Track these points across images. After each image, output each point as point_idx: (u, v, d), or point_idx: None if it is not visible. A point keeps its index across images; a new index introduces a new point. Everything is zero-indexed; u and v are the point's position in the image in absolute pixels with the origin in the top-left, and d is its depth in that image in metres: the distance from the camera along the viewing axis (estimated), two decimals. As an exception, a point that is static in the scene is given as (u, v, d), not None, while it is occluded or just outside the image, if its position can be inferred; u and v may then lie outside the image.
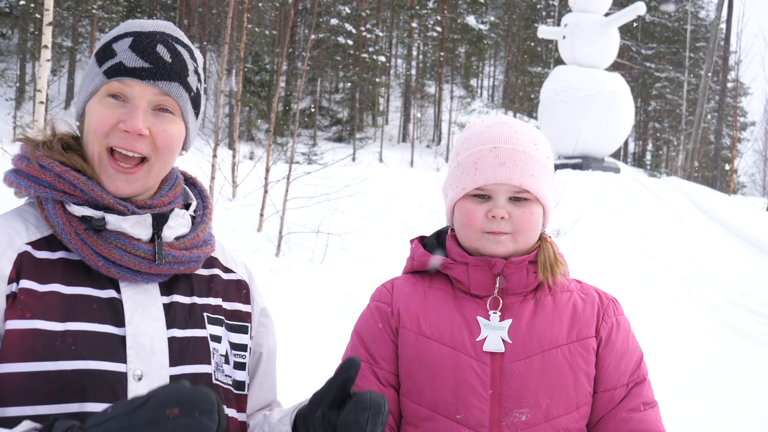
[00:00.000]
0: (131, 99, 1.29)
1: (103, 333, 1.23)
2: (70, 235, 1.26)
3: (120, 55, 1.29)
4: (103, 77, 1.29)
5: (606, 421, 1.55)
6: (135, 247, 1.27)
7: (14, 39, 27.98)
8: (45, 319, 1.21)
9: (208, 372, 1.31)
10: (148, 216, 1.30)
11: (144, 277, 1.29)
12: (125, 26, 1.34)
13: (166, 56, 1.31)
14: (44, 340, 1.19)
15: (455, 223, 1.62)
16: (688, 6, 36.99)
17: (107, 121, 1.29)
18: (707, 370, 6.76)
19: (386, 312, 1.60)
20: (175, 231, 1.35)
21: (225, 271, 1.47)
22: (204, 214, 1.43)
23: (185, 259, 1.34)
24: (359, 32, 32.21)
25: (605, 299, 1.63)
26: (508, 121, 1.62)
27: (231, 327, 1.41)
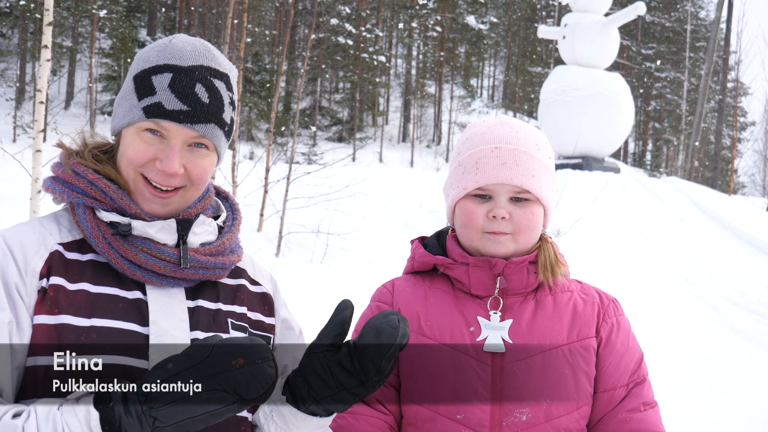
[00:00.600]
0: (168, 137, 1.33)
1: (127, 330, 1.27)
2: (98, 239, 1.31)
3: (159, 95, 1.32)
4: (142, 114, 1.32)
5: (606, 421, 1.55)
6: (160, 252, 1.31)
7: (14, 39, 27.97)
8: (72, 315, 1.25)
9: None
10: (173, 221, 1.34)
11: (170, 281, 1.33)
12: (165, 54, 1.34)
13: (204, 97, 1.33)
14: (70, 335, 1.23)
15: (456, 223, 1.62)
16: (688, 6, 36.99)
17: (144, 155, 1.33)
18: (707, 370, 6.76)
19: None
20: (200, 237, 1.38)
21: (252, 283, 1.49)
22: (232, 225, 1.47)
23: (210, 265, 1.37)
24: (359, 32, 32.21)
25: (605, 299, 1.64)
26: (510, 122, 1.62)
27: (254, 336, 1.42)
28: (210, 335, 1.16)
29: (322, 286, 8.64)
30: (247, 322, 1.43)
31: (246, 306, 1.44)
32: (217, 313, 1.38)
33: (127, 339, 1.26)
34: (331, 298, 8.36)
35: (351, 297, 8.37)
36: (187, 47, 1.35)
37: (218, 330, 1.36)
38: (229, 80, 1.39)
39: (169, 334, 1.29)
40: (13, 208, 8.92)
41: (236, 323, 1.40)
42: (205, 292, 1.39)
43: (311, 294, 8.35)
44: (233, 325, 1.39)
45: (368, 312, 1.64)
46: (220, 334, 1.19)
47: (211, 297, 1.39)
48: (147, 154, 1.33)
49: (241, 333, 1.40)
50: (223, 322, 1.38)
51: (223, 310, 1.39)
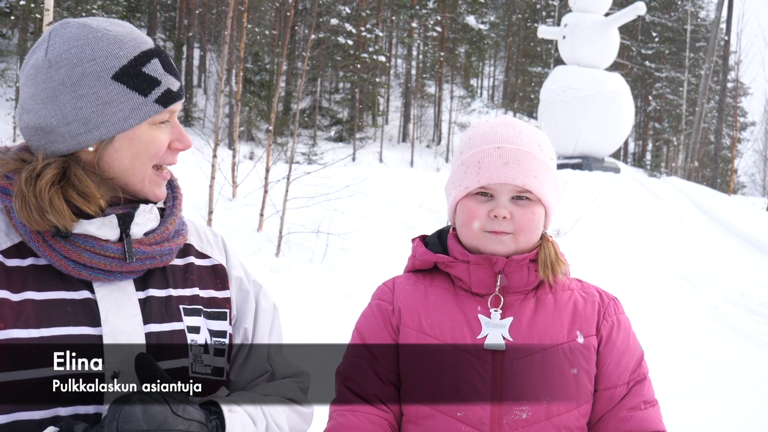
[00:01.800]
0: (170, 118, 1.34)
1: (78, 335, 1.24)
2: (38, 243, 1.26)
3: (164, 82, 1.31)
4: (158, 106, 1.30)
5: (607, 419, 1.56)
6: (104, 248, 1.27)
7: (14, 39, 27.98)
8: (19, 328, 1.21)
9: (186, 366, 1.32)
10: (113, 217, 1.30)
11: (117, 276, 1.29)
12: (126, 44, 1.30)
13: (175, 66, 1.38)
14: (20, 349, 1.20)
15: (457, 222, 1.63)
16: (688, 6, 36.99)
17: (165, 144, 1.34)
18: (707, 370, 6.76)
19: (387, 310, 1.61)
20: (143, 227, 1.34)
21: (200, 257, 1.46)
22: (174, 206, 1.43)
23: (156, 254, 1.34)
24: (359, 32, 32.21)
25: (606, 298, 1.64)
26: (512, 122, 1.63)
27: (209, 315, 1.41)
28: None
29: (322, 286, 8.64)
30: (200, 302, 1.40)
31: (197, 285, 1.41)
32: (168, 300, 1.35)
33: (79, 344, 1.23)
34: (331, 298, 8.37)
35: (351, 297, 8.37)
36: (128, 29, 1.33)
37: (171, 319, 1.33)
38: None
39: (123, 331, 1.26)
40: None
41: (188, 308, 1.37)
42: (154, 279, 1.36)
43: (311, 294, 8.35)
44: (186, 310, 1.36)
45: (368, 310, 1.64)
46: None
47: (161, 284, 1.36)
48: (166, 143, 1.34)
49: (196, 317, 1.37)
50: (175, 309, 1.35)
51: (174, 296, 1.36)
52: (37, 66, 1.29)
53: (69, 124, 1.27)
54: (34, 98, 1.28)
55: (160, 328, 1.31)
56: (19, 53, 27.31)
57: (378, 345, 1.58)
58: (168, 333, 1.32)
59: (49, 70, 1.27)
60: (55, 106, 1.26)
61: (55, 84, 1.27)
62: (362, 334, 1.61)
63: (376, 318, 1.61)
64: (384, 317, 1.60)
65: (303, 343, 1.59)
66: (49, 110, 1.27)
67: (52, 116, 1.27)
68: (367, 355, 1.56)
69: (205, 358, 1.36)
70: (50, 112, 1.27)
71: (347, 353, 1.60)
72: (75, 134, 1.27)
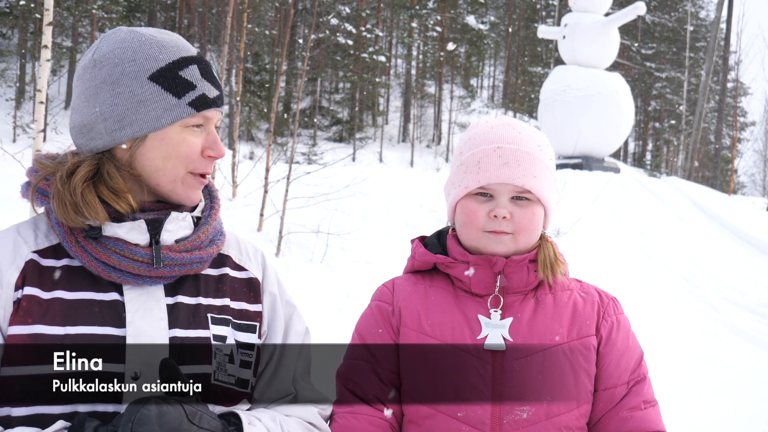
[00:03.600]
0: (206, 124, 1.37)
1: (102, 335, 1.27)
2: (71, 243, 1.31)
3: (199, 87, 1.34)
4: (191, 109, 1.33)
5: (606, 419, 1.56)
6: (133, 252, 1.30)
7: (14, 39, 27.97)
8: (46, 324, 1.25)
9: (208, 372, 1.33)
10: (142, 222, 1.33)
11: (146, 280, 1.32)
12: (168, 48, 1.35)
13: (218, 78, 1.38)
14: (44, 345, 1.23)
15: (457, 222, 1.63)
16: (688, 6, 37.00)
17: (196, 149, 1.36)
18: (707, 370, 6.76)
19: (387, 311, 1.61)
20: (174, 234, 1.37)
21: (236, 268, 1.48)
22: (209, 215, 1.45)
23: (187, 261, 1.36)
24: (359, 32, 32.21)
25: (605, 298, 1.64)
26: (512, 122, 1.64)
27: (238, 326, 1.42)
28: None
29: (322, 286, 8.64)
30: (230, 313, 1.41)
31: (228, 296, 1.43)
32: (197, 308, 1.37)
33: (103, 344, 1.26)
34: (331, 298, 8.37)
35: (351, 297, 8.37)
36: (173, 38, 1.38)
37: (198, 326, 1.35)
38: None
39: (147, 333, 1.29)
40: (13, 208, 8.93)
41: (217, 317, 1.38)
42: (186, 286, 1.38)
43: (311, 294, 8.35)
44: (213, 319, 1.38)
45: (368, 311, 1.64)
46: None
47: (192, 291, 1.38)
48: (198, 147, 1.36)
49: (223, 326, 1.38)
50: (202, 317, 1.36)
51: (204, 305, 1.38)
52: (84, 66, 1.36)
53: (106, 120, 1.32)
54: (80, 97, 1.36)
55: (185, 334, 1.33)
56: (19, 53, 27.32)
57: (378, 346, 1.58)
58: (193, 339, 1.34)
59: (94, 69, 1.34)
60: (96, 102, 1.33)
61: (97, 82, 1.33)
62: (362, 335, 1.62)
63: (376, 319, 1.61)
64: (384, 318, 1.60)
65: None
66: (91, 107, 1.33)
67: (92, 113, 1.33)
68: (367, 356, 1.57)
69: (229, 367, 1.37)
70: (91, 108, 1.33)
71: (347, 354, 1.60)
72: (110, 130, 1.33)
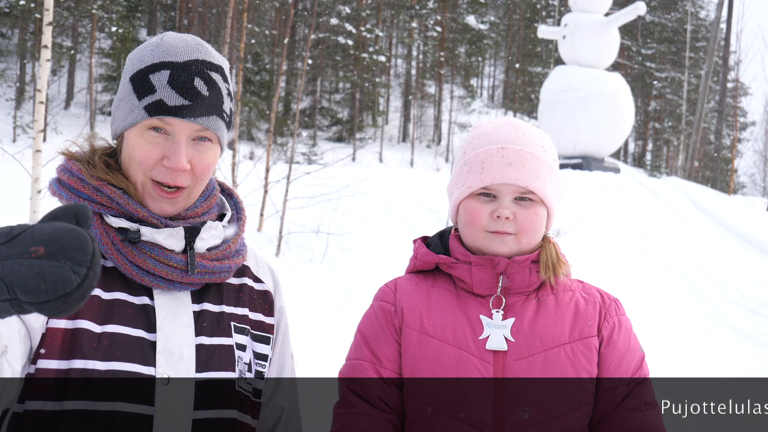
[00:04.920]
0: (172, 134, 1.34)
1: (135, 337, 1.29)
2: (107, 246, 1.32)
3: (159, 92, 1.32)
4: (144, 113, 1.33)
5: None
6: (168, 258, 1.33)
7: (14, 39, 27.97)
8: (87, 320, 1.27)
9: (232, 378, 1.36)
10: (181, 229, 1.35)
11: (177, 286, 1.34)
12: (159, 52, 1.35)
13: (203, 90, 1.34)
14: (85, 339, 1.26)
15: (459, 222, 1.63)
16: (688, 6, 36.99)
17: (151, 156, 1.34)
18: (707, 370, 6.76)
19: (389, 311, 1.61)
20: (207, 242, 1.39)
21: (255, 280, 1.51)
22: (237, 226, 1.47)
23: (216, 270, 1.38)
24: (359, 32, 32.20)
25: (607, 299, 1.64)
26: (516, 123, 1.64)
27: (255, 337, 1.45)
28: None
29: (322, 286, 8.64)
30: (249, 323, 1.44)
31: (248, 307, 1.46)
32: (221, 316, 1.39)
33: (136, 345, 1.29)
34: (331, 298, 8.37)
35: (351, 297, 8.37)
36: (180, 43, 1.36)
37: (222, 334, 1.38)
38: (224, 72, 1.39)
39: (175, 339, 1.31)
40: (12, 208, 8.92)
41: (238, 326, 1.42)
42: (210, 294, 1.40)
43: (311, 294, 8.35)
44: (236, 328, 1.41)
45: (371, 312, 1.64)
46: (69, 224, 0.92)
47: (216, 299, 1.41)
48: (154, 154, 1.34)
49: (243, 335, 1.42)
50: (226, 325, 1.39)
51: (227, 313, 1.41)
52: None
53: (112, 115, 1.42)
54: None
55: (211, 341, 1.36)
56: (19, 53, 27.31)
57: (380, 346, 1.58)
58: (217, 347, 1.36)
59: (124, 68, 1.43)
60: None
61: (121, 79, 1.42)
62: (365, 335, 1.61)
63: (378, 319, 1.61)
64: (386, 318, 1.60)
65: (307, 377, 1.64)
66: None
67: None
68: (369, 357, 1.57)
69: (248, 376, 1.41)
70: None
71: (350, 355, 1.60)
72: (111, 124, 1.42)
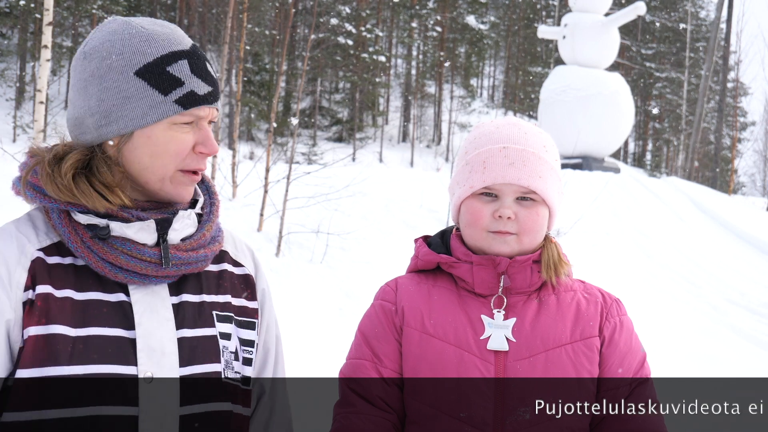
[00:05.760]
0: (197, 121, 1.34)
1: (113, 337, 1.25)
2: (76, 244, 1.28)
3: (188, 83, 1.31)
4: (177, 107, 1.30)
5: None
6: (141, 252, 1.29)
7: (14, 39, 27.97)
8: (61, 324, 1.23)
9: (218, 370, 1.33)
10: (151, 222, 1.31)
11: (152, 280, 1.30)
12: (159, 41, 1.31)
13: (213, 74, 1.36)
14: (59, 345, 1.22)
15: (461, 222, 1.63)
16: (688, 6, 37.00)
17: (187, 146, 1.33)
18: (707, 370, 6.76)
19: (390, 310, 1.61)
20: (180, 233, 1.35)
21: (234, 265, 1.47)
22: (211, 212, 1.43)
23: (192, 260, 1.35)
24: (359, 32, 32.21)
25: (609, 299, 1.64)
26: (518, 122, 1.64)
27: (240, 323, 1.42)
28: None
29: (322, 286, 8.64)
30: (232, 310, 1.41)
31: (230, 293, 1.42)
32: (202, 305, 1.36)
33: (114, 346, 1.25)
34: (331, 298, 8.37)
35: (351, 297, 8.37)
36: (167, 30, 1.34)
37: (204, 324, 1.34)
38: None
39: (155, 335, 1.28)
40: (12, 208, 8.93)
41: (221, 314, 1.38)
42: (188, 284, 1.37)
43: (311, 294, 8.35)
44: (218, 317, 1.37)
45: (371, 311, 1.64)
46: None
47: (195, 289, 1.37)
48: (189, 144, 1.33)
49: (227, 324, 1.38)
50: (208, 315, 1.36)
51: (207, 302, 1.37)
52: (77, 58, 1.33)
53: (93, 115, 1.30)
54: (72, 89, 1.34)
55: (193, 333, 1.33)
56: (19, 53, 27.30)
57: (381, 346, 1.58)
58: (201, 338, 1.33)
59: (84, 61, 1.32)
60: (85, 96, 1.31)
61: (86, 75, 1.31)
62: (365, 334, 1.61)
63: (379, 318, 1.61)
64: (387, 318, 1.60)
65: (305, 377, 1.62)
66: (81, 101, 1.31)
67: (81, 107, 1.31)
68: (370, 356, 1.57)
69: (235, 365, 1.38)
70: (81, 102, 1.31)
71: (350, 354, 1.60)
72: (98, 126, 1.30)
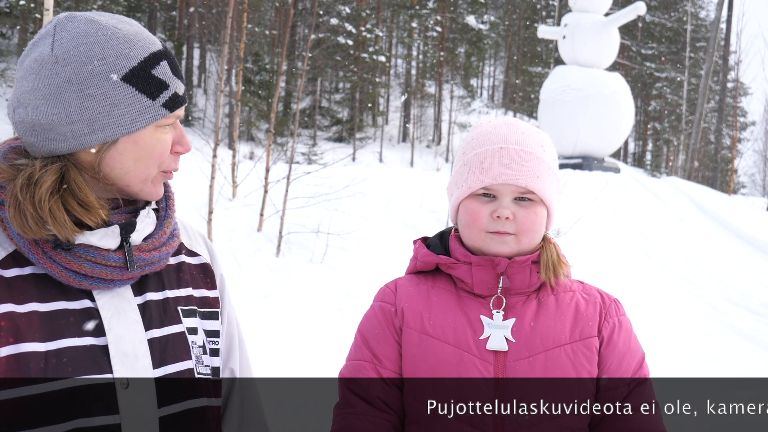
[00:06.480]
0: (174, 120, 1.33)
1: (84, 346, 1.22)
2: (37, 255, 1.21)
3: (172, 85, 1.29)
4: (164, 110, 1.28)
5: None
6: (105, 258, 1.24)
7: (14, 39, 27.98)
8: (28, 341, 1.18)
9: (191, 368, 1.32)
10: (116, 228, 1.27)
11: (117, 284, 1.27)
12: (136, 43, 1.27)
13: (182, 71, 1.36)
14: (32, 363, 1.18)
15: (459, 223, 1.63)
16: (688, 6, 37.00)
17: (168, 147, 1.32)
18: (707, 370, 6.76)
19: (390, 312, 1.61)
20: (142, 233, 1.31)
21: (191, 255, 1.45)
22: (167, 206, 1.39)
23: (155, 260, 1.32)
24: (359, 32, 32.21)
25: (607, 299, 1.65)
26: (515, 123, 1.64)
27: (203, 315, 1.40)
28: None
29: (322, 286, 8.64)
30: (195, 302, 1.39)
31: (191, 285, 1.40)
32: (166, 302, 1.33)
33: (87, 355, 1.21)
34: (331, 298, 8.37)
35: (351, 297, 8.37)
36: (136, 28, 1.30)
37: (171, 322, 1.32)
38: None
39: (126, 339, 1.25)
40: (13, 208, 8.92)
41: (185, 309, 1.36)
42: (150, 282, 1.34)
43: (311, 294, 8.35)
44: (183, 312, 1.35)
45: (371, 312, 1.64)
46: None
47: (157, 286, 1.34)
48: (169, 145, 1.32)
49: (192, 318, 1.36)
50: (173, 311, 1.33)
51: (171, 298, 1.35)
52: (41, 60, 1.23)
53: (73, 123, 1.22)
54: (34, 93, 1.22)
55: (162, 333, 1.30)
56: (18, 53, 27.31)
57: (381, 347, 1.58)
58: (170, 337, 1.31)
59: (55, 66, 1.21)
60: (59, 103, 1.21)
61: (60, 81, 1.21)
62: (365, 336, 1.61)
63: (378, 320, 1.61)
64: (386, 319, 1.60)
65: (303, 377, 1.61)
66: (52, 107, 1.21)
67: (55, 114, 1.21)
68: (370, 357, 1.57)
69: (204, 359, 1.36)
70: (53, 109, 1.21)
71: (350, 356, 1.61)
72: (78, 134, 1.23)
